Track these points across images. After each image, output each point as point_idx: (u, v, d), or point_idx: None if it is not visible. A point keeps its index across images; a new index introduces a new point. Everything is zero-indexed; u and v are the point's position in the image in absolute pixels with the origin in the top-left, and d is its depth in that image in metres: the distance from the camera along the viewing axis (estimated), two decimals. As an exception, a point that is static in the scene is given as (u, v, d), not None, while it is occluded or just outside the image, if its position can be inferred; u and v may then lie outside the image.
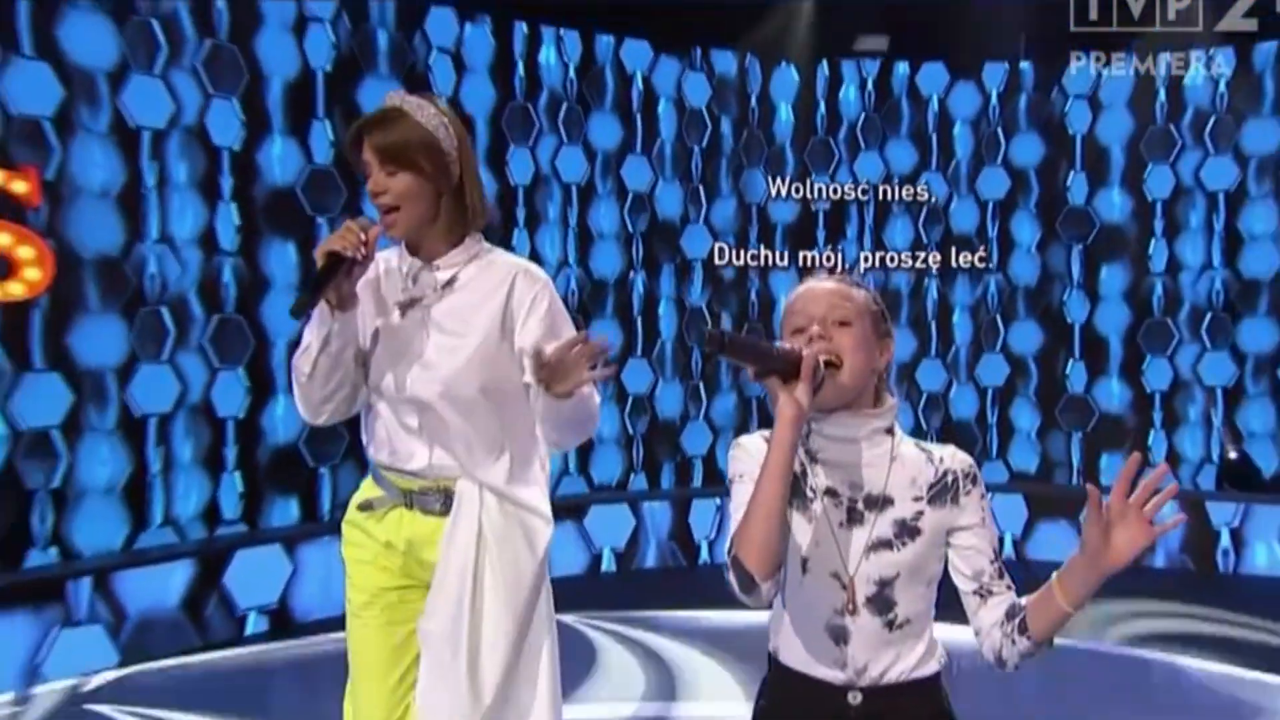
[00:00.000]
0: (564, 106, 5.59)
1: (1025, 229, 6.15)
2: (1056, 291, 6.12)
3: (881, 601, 1.31)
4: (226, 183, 4.35)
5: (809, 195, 6.07)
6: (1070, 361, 6.09)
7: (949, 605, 1.37)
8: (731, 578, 1.27)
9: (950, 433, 6.05)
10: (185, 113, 4.20)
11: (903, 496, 1.33)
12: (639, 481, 5.77)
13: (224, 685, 3.50)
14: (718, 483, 5.85)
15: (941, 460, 1.35)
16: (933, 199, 6.11)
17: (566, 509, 5.26)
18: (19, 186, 3.70)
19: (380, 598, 1.70)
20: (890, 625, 1.32)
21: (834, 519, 1.32)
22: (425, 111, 1.65)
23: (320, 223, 4.62)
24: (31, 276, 3.73)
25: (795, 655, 1.36)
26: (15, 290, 3.70)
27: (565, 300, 5.49)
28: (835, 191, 6.09)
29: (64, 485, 3.87)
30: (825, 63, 6.10)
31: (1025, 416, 6.14)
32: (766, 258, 6.02)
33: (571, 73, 5.62)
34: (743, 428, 5.94)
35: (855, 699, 1.32)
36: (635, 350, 5.79)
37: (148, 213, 4.09)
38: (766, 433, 1.32)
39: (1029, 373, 6.15)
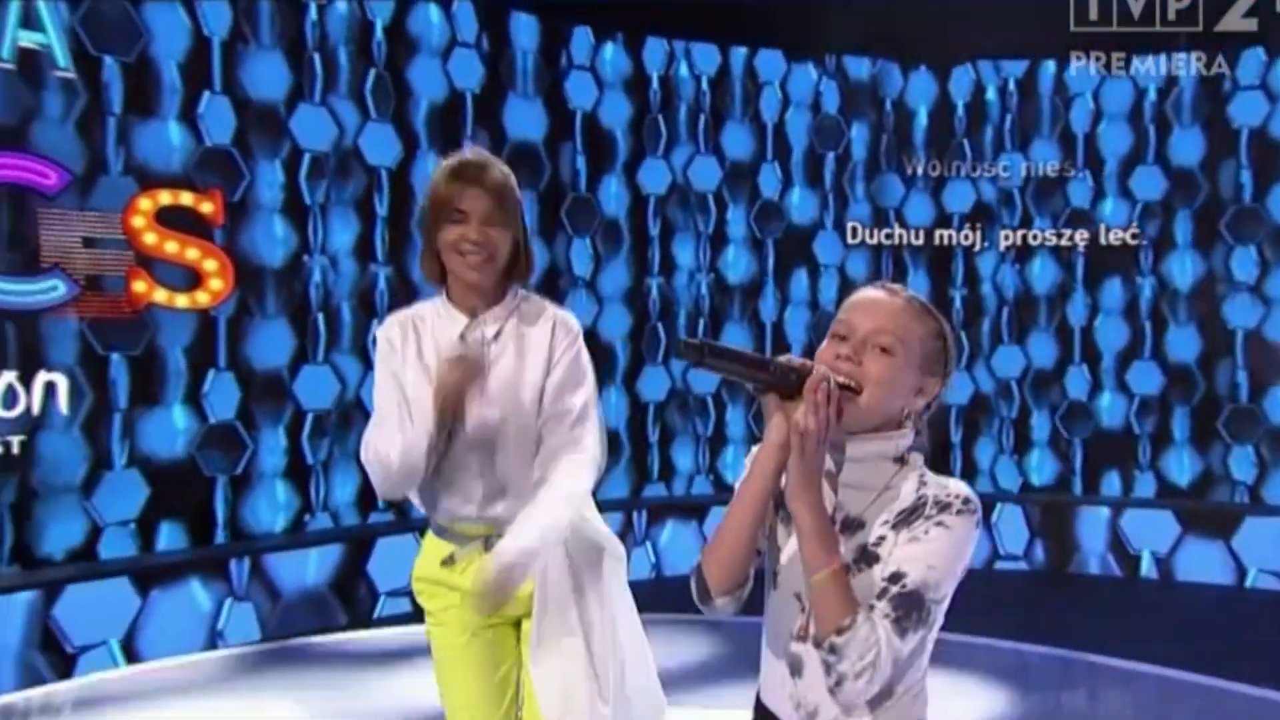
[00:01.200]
0: (700, 117, 5.73)
1: (1183, 230, 5.79)
2: (1218, 294, 5.72)
3: None
4: (382, 199, 4.76)
5: (945, 200, 5.95)
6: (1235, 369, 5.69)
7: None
8: (693, 584, 1.24)
9: (1097, 441, 5.79)
10: (345, 136, 4.62)
11: (874, 521, 1.20)
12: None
13: (353, 663, 3.85)
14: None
15: (927, 489, 1.20)
16: (1075, 204, 5.85)
17: (690, 509, 5.42)
18: (206, 207, 4.20)
19: (480, 635, 1.78)
20: None
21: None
22: (504, 170, 1.78)
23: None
24: (215, 287, 4.22)
25: (764, 687, 1.28)
26: (202, 299, 4.20)
27: (696, 306, 5.61)
28: (975, 195, 5.94)
29: (243, 472, 4.35)
30: (963, 65, 5.96)
31: (1181, 427, 5.78)
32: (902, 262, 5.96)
33: (705, 84, 5.75)
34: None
35: None
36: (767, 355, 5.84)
37: (313, 228, 4.54)
38: None
39: (1188, 381, 5.78)
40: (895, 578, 1.14)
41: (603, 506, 1.91)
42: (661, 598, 3.03)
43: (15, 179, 3.78)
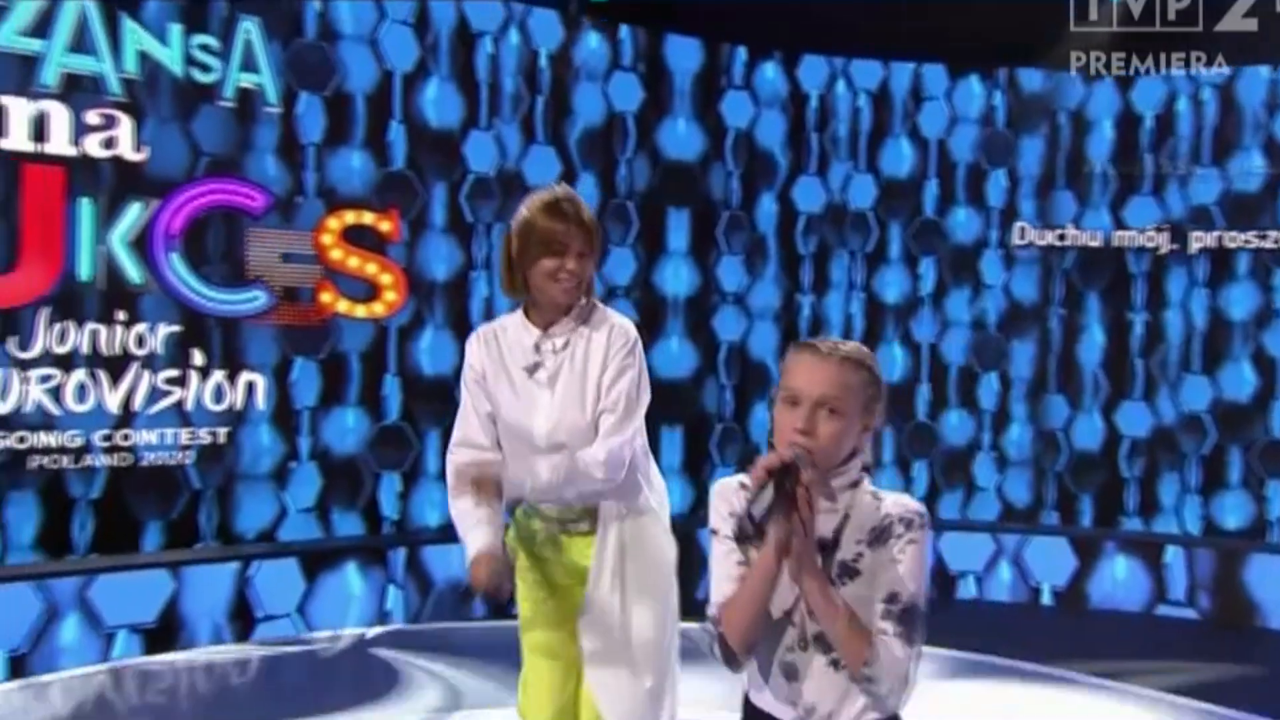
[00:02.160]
0: (859, 134, 5.69)
1: None
2: None
3: (827, 640, 1.38)
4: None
5: (1126, 216, 5.59)
6: None
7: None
8: (717, 649, 1.42)
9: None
10: (506, 159, 4.95)
11: (848, 541, 1.41)
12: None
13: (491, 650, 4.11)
14: (1015, 518, 5.59)
15: (887, 506, 1.42)
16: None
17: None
18: (385, 226, 4.62)
19: (542, 607, 2.07)
20: (836, 664, 1.38)
21: (790, 561, 1.39)
22: (588, 206, 2.04)
23: (611, 250, 5.19)
24: (390, 299, 4.64)
25: (757, 692, 1.46)
26: (378, 310, 4.62)
27: (848, 323, 5.55)
28: (1160, 212, 5.54)
29: (410, 469, 4.75)
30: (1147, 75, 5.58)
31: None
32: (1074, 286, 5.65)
33: (863, 101, 5.70)
34: (1036, 462, 5.63)
35: None
36: (921, 377, 5.72)
37: (478, 245, 4.88)
38: (744, 477, 1.43)
39: None
40: (893, 599, 1.37)
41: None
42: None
43: (228, 201, 4.32)
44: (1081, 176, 5.63)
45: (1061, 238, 5.65)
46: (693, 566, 2.46)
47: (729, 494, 1.48)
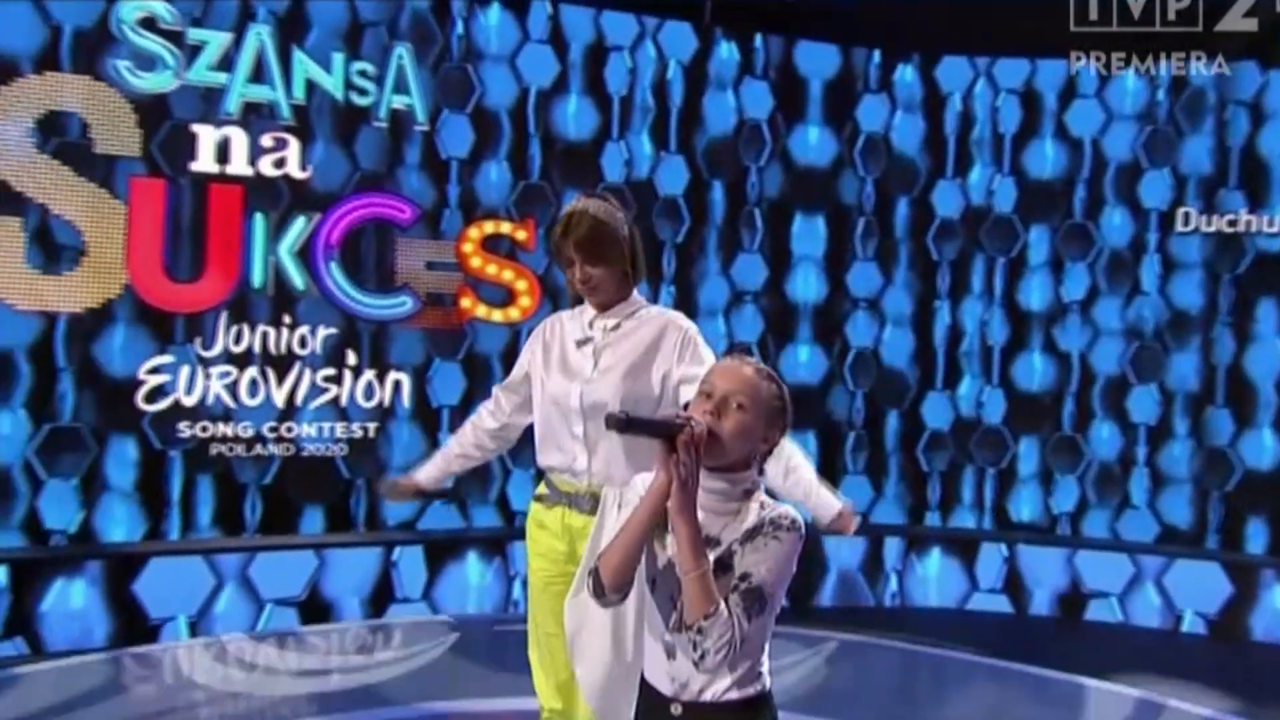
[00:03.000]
0: (1002, 137, 5.49)
1: None
2: None
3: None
4: (673, 225, 5.18)
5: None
6: None
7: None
8: (590, 583, 1.61)
9: None
10: (637, 169, 5.10)
11: (728, 539, 1.57)
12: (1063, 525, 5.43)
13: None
14: (1175, 539, 5.24)
15: (766, 512, 1.58)
16: None
17: (956, 541, 5.21)
18: (521, 235, 4.88)
19: (551, 585, 2.21)
20: None
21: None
22: (608, 210, 2.18)
23: (739, 255, 5.25)
24: (525, 304, 4.89)
25: (647, 666, 1.65)
26: (513, 314, 4.88)
27: (983, 331, 5.35)
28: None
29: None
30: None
31: None
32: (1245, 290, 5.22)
33: (999, 100, 5.49)
34: (1197, 482, 5.24)
35: (676, 710, 1.58)
36: (1070, 387, 5.45)
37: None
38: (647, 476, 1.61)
39: None
40: (744, 577, 1.54)
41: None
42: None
43: (380, 214, 4.69)
44: (1254, 173, 5.20)
45: (1230, 238, 5.24)
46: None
47: (640, 485, 1.65)
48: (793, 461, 2.11)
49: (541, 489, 2.29)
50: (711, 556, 1.56)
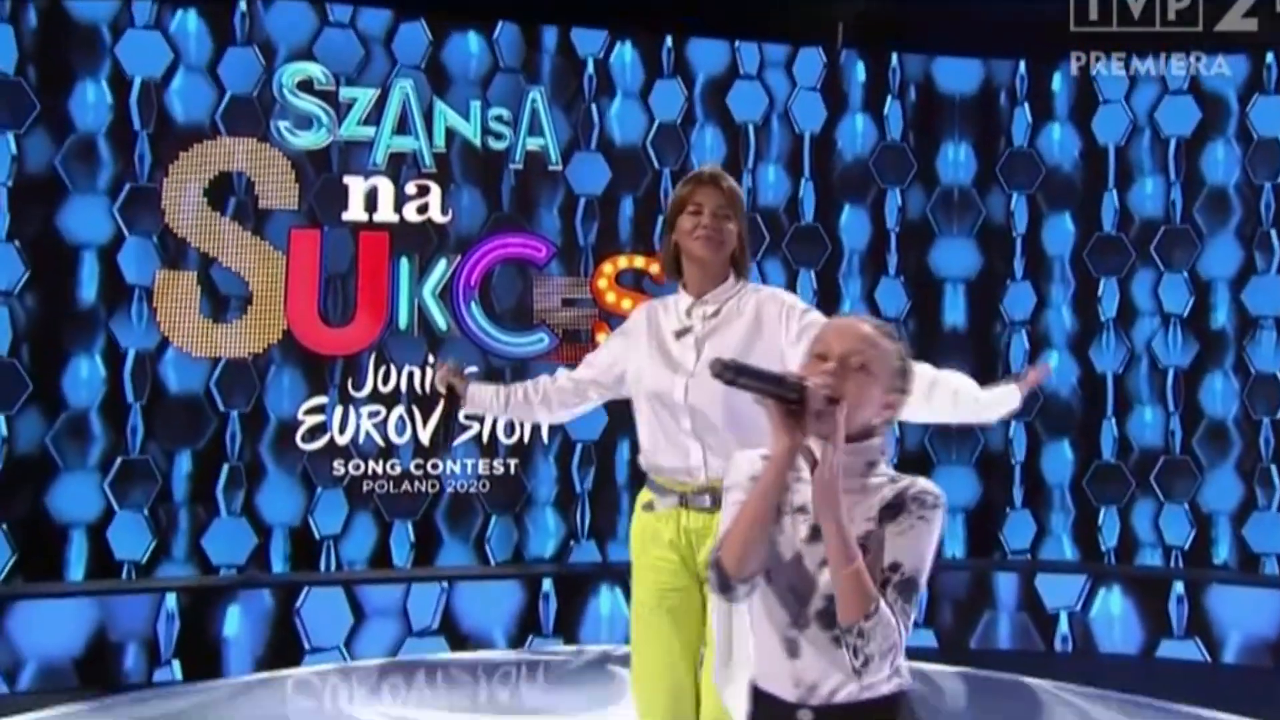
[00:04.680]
0: (1172, 145, 5.08)
1: None
2: None
3: (830, 616, 1.34)
4: (812, 251, 5.06)
5: None
6: None
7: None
8: (713, 576, 1.40)
9: None
10: (771, 197, 5.01)
11: (858, 518, 1.38)
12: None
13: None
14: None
15: (901, 487, 1.39)
16: None
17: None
18: (653, 268, 4.88)
19: (665, 599, 2.03)
20: (838, 640, 1.34)
21: (800, 534, 1.39)
22: (731, 179, 2.12)
23: (881, 280, 5.03)
24: (659, 337, 4.86)
25: (759, 671, 1.43)
26: (648, 347, 4.87)
27: (1151, 354, 4.86)
28: None
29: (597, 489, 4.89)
30: None
31: None
32: None
33: (1173, 107, 5.07)
34: None
35: (806, 717, 1.37)
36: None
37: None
38: (765, 451, 1.39)
39: None
40: (894, 567, 1.35)
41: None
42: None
43: (517, 254, 4.81)
44: None
45: None
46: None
47: (754, 459, 1.47)
48: (940, 383, 1.95)
49: (648, 497, 2.13)
50: None
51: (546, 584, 4.59)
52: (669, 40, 4.98)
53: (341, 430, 4.59)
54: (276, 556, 4.51)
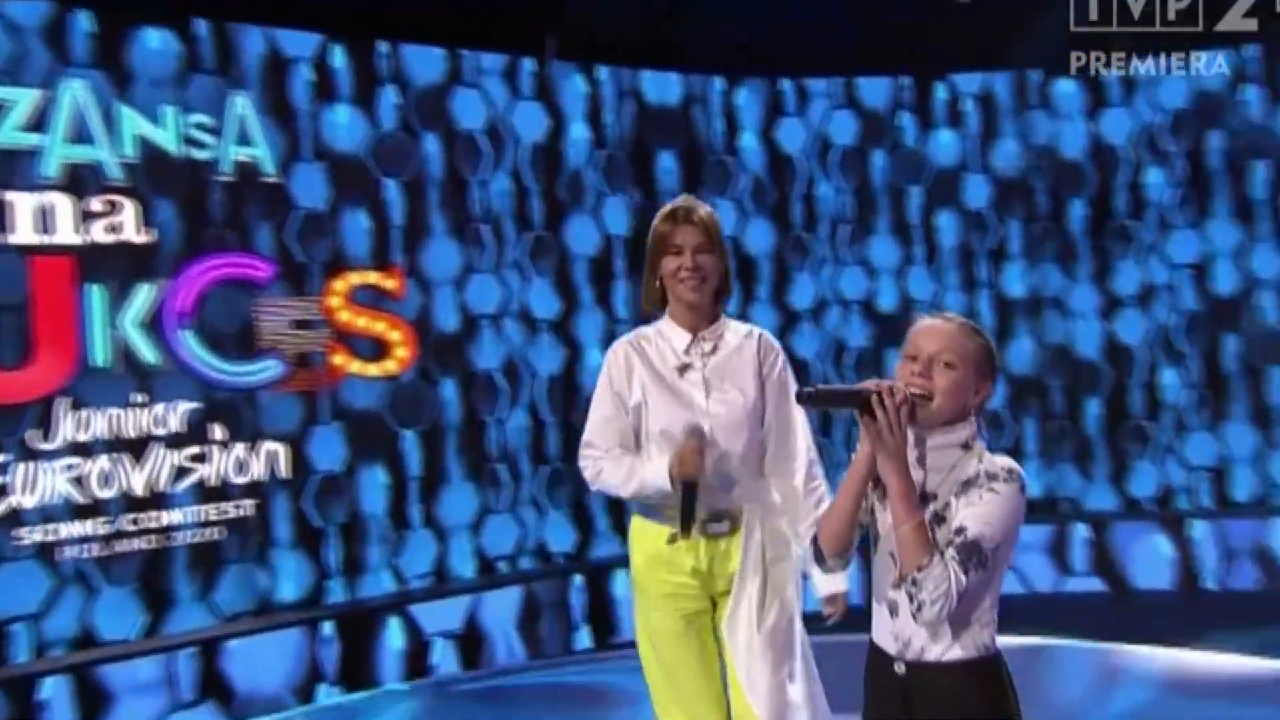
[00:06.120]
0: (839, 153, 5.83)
1: None
2: None
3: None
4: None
5: None
6: None
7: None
8: (809, 551, 1.70)
9: None
10: (528, 205, 5.02)
11: (944, 494, 1.59)
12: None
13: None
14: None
15: (984, 464, 1.59)
16: None
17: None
18: (390, 283, 4.68)
19: (695, 621, 2.12)
20: None
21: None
22: (710, 209, 2.17)
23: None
24: (401, 355, 4.68)
25: (874, 626, 1.66)
26: (390, 366, 4.67)
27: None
28: None
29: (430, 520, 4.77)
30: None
31: None
32: None
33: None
34: None
35: (900, 669, 1.58)
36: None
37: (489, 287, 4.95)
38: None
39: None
40: (959, 531, 1.53)
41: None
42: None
43: (235, 275, 4.35)
44: None
45: None
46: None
47: None
48: (815, 517, 2.05)
49: (653, 531, 2.13)
50: (929, 510, 1.58)
51: (328, 627, 4.24)
52: (383, 46, 4.78)
53: (29, 490, 3.88)
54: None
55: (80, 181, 4.05)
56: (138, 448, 4.10)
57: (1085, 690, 3.95)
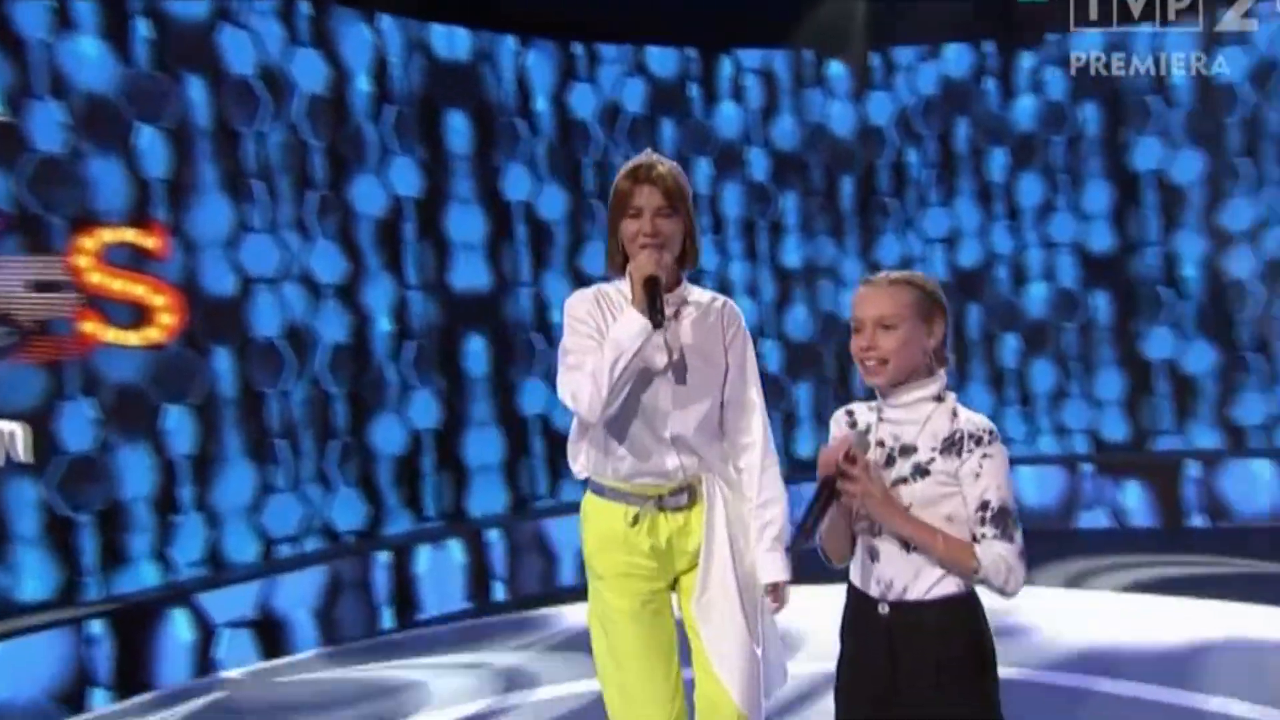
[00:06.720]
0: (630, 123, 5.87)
1: None
2: None
3: None
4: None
5: None
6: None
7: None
8: (822, 555, 1.76)
9: None
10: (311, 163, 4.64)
11: (924, 447, 1.66)
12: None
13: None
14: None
15: (960, 422, 1.66)
16: None
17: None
18: (150, 242, 4.18)
19: (652, 601, 2.02)
20: (907, 546, 1.65)
21: (879, 461, 1.68)
22: (674, 166, 2.02)
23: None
24: (166, 321, 4.21)
25: (854, 572, 1.74)
26: (153, 334, 4.19)
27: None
28: None
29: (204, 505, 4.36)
30: None
31: None
32: None
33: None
34: None
35: (884, 610, 1.66)
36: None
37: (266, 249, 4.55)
38: (854, 406, 1.76)
39: None
40: (984, 506, 1.62)
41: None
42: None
43: (-48, 228, 3.72)
44: None
45: None
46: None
47: (840, 417, 1.79)
48: (768, 495, 2.03)
49: (611, 510, 2.01)
50: (909, 463, 1.66)
51: (96, 626, 3.74)
52: (136, -28, 4.23)
53: None
54: None
55: None
56: None
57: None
